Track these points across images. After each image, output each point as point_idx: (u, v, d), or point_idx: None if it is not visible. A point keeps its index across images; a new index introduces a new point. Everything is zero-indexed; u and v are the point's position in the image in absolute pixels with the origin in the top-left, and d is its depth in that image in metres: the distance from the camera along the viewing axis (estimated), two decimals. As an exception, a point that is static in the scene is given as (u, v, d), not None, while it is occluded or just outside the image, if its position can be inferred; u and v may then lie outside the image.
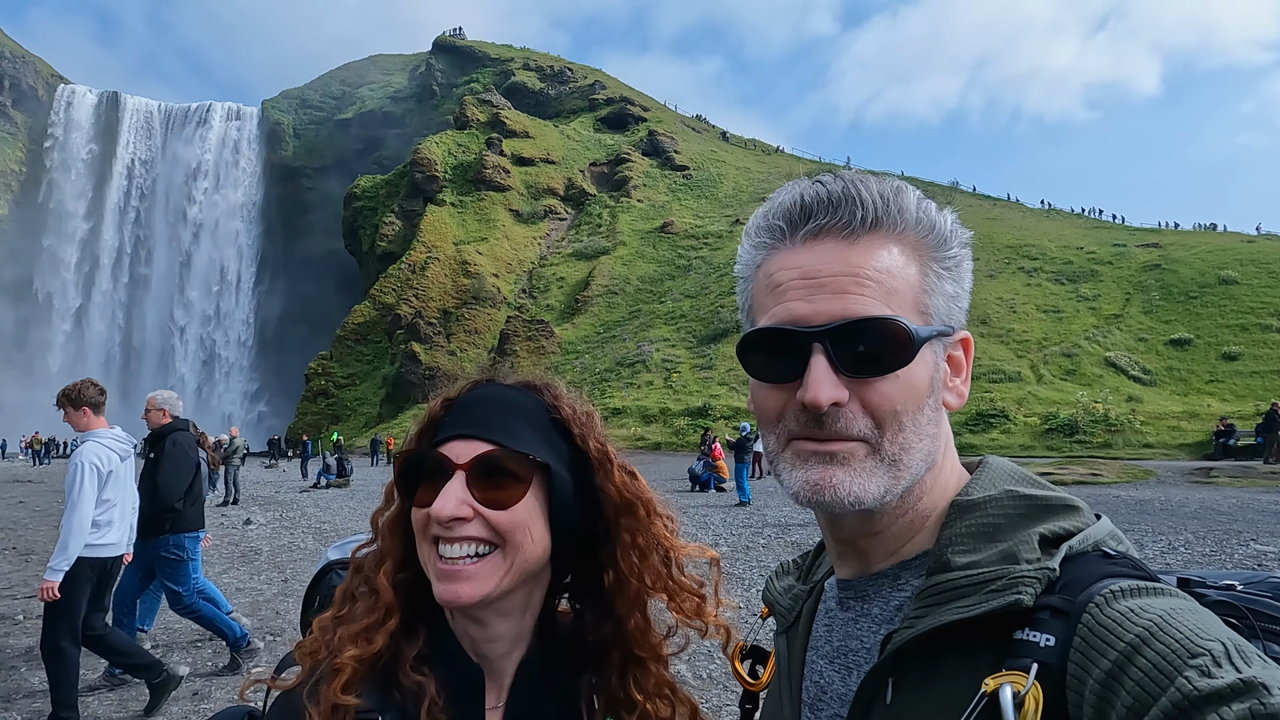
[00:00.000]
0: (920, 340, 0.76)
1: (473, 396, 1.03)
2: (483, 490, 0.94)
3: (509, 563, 0.96)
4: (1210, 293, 51.20)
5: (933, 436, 0.79)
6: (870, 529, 0.81)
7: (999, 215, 79.64)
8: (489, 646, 1.01)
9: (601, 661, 1.07)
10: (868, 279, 0.76)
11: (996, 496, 0.78)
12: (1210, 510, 15.24)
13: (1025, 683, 0.63)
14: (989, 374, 44.93)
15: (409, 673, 0.95)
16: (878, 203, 0.78)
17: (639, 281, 73.00)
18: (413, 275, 78.14)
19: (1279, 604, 0.74)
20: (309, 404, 76.13)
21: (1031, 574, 0.69)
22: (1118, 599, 0.65)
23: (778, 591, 1.00)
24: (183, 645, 7.04)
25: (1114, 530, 0.77)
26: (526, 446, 0.98)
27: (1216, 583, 0.79)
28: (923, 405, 0.77)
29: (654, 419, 46.50)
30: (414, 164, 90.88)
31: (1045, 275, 60.49)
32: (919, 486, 0.80)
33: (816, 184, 0.80)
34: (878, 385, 0.75)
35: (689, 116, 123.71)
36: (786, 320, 0.77)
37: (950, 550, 0.75)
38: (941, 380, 0.81)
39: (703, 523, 14.72)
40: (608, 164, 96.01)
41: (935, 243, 0.80)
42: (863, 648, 0.81)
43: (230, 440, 21.78)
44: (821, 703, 0.84)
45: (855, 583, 0.85)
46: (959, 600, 0.71)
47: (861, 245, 0.77)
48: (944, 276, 0.81)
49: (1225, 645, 0.58)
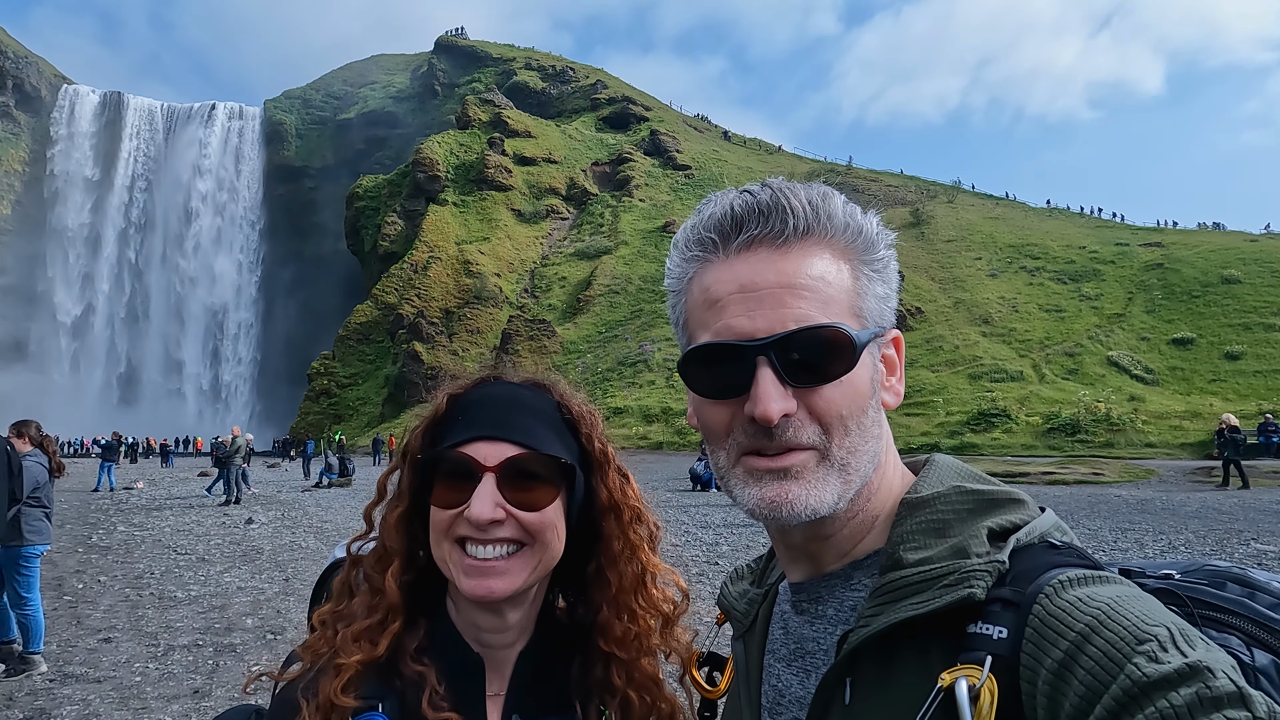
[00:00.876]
0: (861, 344, 0.77)
1: (486, 395, 1.03)
2: (513, 492, 0.96)
3: (537, 559, 0.99)
4: (1213, 292, 51.12)
5: (876, 437, 0.80)
6: (822, 533, 0.81)
7: (1001, 214, 79.52)
8: (498, 636, 1.03)
9: (587, 650, 1.10)
10: (803, 288, 0.76)
11: (945, 493, 0.79)
12: (1211, 510, 15.23)
13: (980, 675, 0.64)
14: (991, 373, 44.88)
15: (409, 663, 0.97)
16: (806, 210, 0.78)
17: (641, 281, 72.94)
18: (415, 275, 78.17)
19: (1215, 591, 0.75)
20: (311, 403, 76.18)
21: (982, 567, 0.70)
22: (1066, 589, 0.66)
23: (733, 596, 1.00)
24: (183, 645, 7.07)
25: (1058, 522, 0.79)
26: (552, 449, 1.00)
27: (1155, 572, 0.80)
28: (866, 408, 0.78)
29: (656, 418, 46.51)
30: (416, 164, 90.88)
31: (1047, 274, 60.40)
32: (867, 488, 0.80)
33: (744, 194, 0.80)
34: (823, 392, 0.76)
35: (691, 116, 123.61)
36: (728, 335, 0.77)
37: (902, 547, 0.76)
38: (879, 381, 0.82)
39: (703, 522, 14.73)
40: (609, 164, 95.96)
41: (864, 246, 0.80)
42: (819, 649, 0.82)
43: (233, 440, 21.78)
44: (780, 706, 0.84)
45: (807, 585, 0.85)
46: (912, 597, 0.71)
47: (794, 254, 0.77)
48: (874, 279, 0.81)
49: (1170, 630, 0.60)
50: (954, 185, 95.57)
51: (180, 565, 11.09)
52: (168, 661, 6.58)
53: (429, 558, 1.02)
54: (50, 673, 6.27)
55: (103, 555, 12.04)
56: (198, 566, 10.99)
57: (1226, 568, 0.81)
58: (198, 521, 16.46)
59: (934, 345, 49.80)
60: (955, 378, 45.01)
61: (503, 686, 1.04)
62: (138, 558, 11.77)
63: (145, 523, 16.21)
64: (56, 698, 5.69)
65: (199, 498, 22.24)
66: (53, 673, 6.27)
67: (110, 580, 10.06)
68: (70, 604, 8.71)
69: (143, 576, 10.29)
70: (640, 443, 42.37)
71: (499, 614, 1.01)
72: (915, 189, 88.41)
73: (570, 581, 1.13)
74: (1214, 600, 0.74)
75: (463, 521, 0.95)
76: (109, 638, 7.33)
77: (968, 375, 45.29)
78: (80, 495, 23.25)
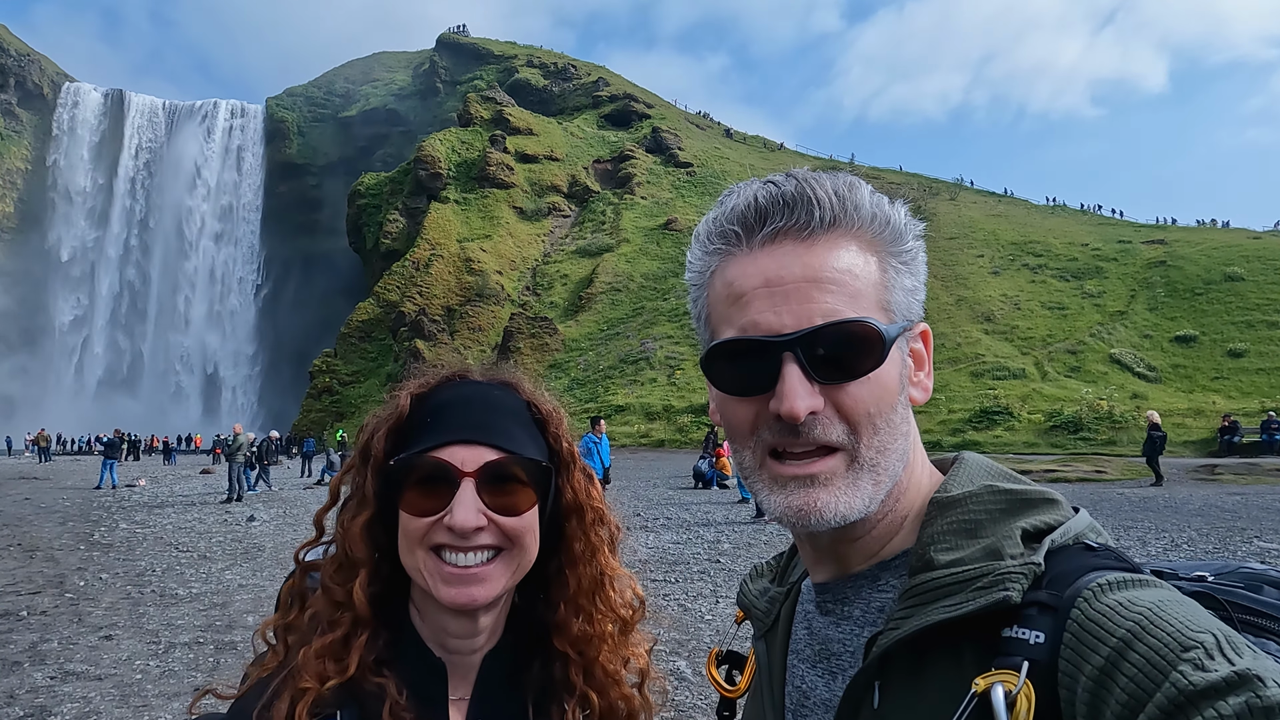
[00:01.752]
0: (891, 339, 0.75)
1: (456, 395, 1.00)
2: (492, 497, 0.93)
3: (515, 564, 0.96)
4: (1216, 289, 51.07)
5: (905, 435, 0.78)
6: (851, 535, 0.79)
7: (1004, 212, 79.45)
8: (467, 642, 1.00)
9: (546, 649, 1.08)
10: (830, 282, 0.74)
11: (976, 493, 0.77)
12: (1214, 507, 15.19)
13: (1017, 682, 0.62)
14: (993, 371, 44.86)
15: (368, 677, 0.93)
16: (833, 201, 0.76)
17: (642, 279, 72.98)
18: (417, 272, 78.26)
19: (1252, 595, 0.73)
20: (313, 401, 76.29)
21: (1017, 570, 0.68)
22: (1106, 592, 0.64)
23: (753, 595, 0.98)
24: (184, 643, 7.07)
25: (1093, 523, 0.77)
26: (529, 451, 0.97)
27: (1188, 574, 0.78)
28: (895, 404, 0.76)
29: (657, 416, 46.53)
30: (418, 161, 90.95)
31: (1050, 272, 60.37)
32: (896, 487, 0.78)
33: (769, 184, 0.78)
34: (850, 389, 0.73)
35: (692, 113, 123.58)
36: (753, 331, 0.75)
37: (933, 548, 0.74)
38: (907, 376, 0.79)
39: (705, 519, 14.71)
40: (611, 161, 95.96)
41: (892, 237, 0.78)
42: (845, 651, 0.79)
43: (234, 437, 21.81)
44: (805, 708, 0.82)
45: (833, 585, 0.82)
46: (945, 599, 0.69)
47: (820, 246, 0.75)
48: (902, 271, 0.79)
49: (1216, 637, 0.58)
50: (956, 183, 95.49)
51: (182, 563, 11.09)
52: (169, 659, 6.57)
53: (391, 567, 0.98)
54: (51, 670, 6.26)
55: (104, 553, 12.04)
56: (199, 564, 10.99)
57: (1263, 571, 0.79)
58: (199, 519, 16.47)
59: (936, 343, 47.91)
60: (957, 375, 45.00)
61: (467, 690, 1.01)
62: (139, 555, 11.77)
63: (147, 520, 16.21)
64: (57, 695, 5.68)
65: (201, 495, 22.27)
66: (54, 670, 6.26)
67: (112, 578, 10.06)
68: (71, 601, 8.70)
69: (144, 574, 10.29)
70: (641, 440, 42.37)
71: (473, 619, 0.98)
72: (917, 186, 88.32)
73: (530, 580, 1.10)
74: (1251, 604, 0.71)
75: (440, 529, 0.91)
76: (110, 635, 7.32)
77: (970, 373, 45.28)
78: (83, 493, 23.28)
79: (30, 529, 14.84)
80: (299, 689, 0.88)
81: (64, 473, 34.47)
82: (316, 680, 0.89)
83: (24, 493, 23.37)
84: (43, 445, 47.27)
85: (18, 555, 11.78)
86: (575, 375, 59.19)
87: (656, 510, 16.32)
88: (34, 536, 13.80)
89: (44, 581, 9.81)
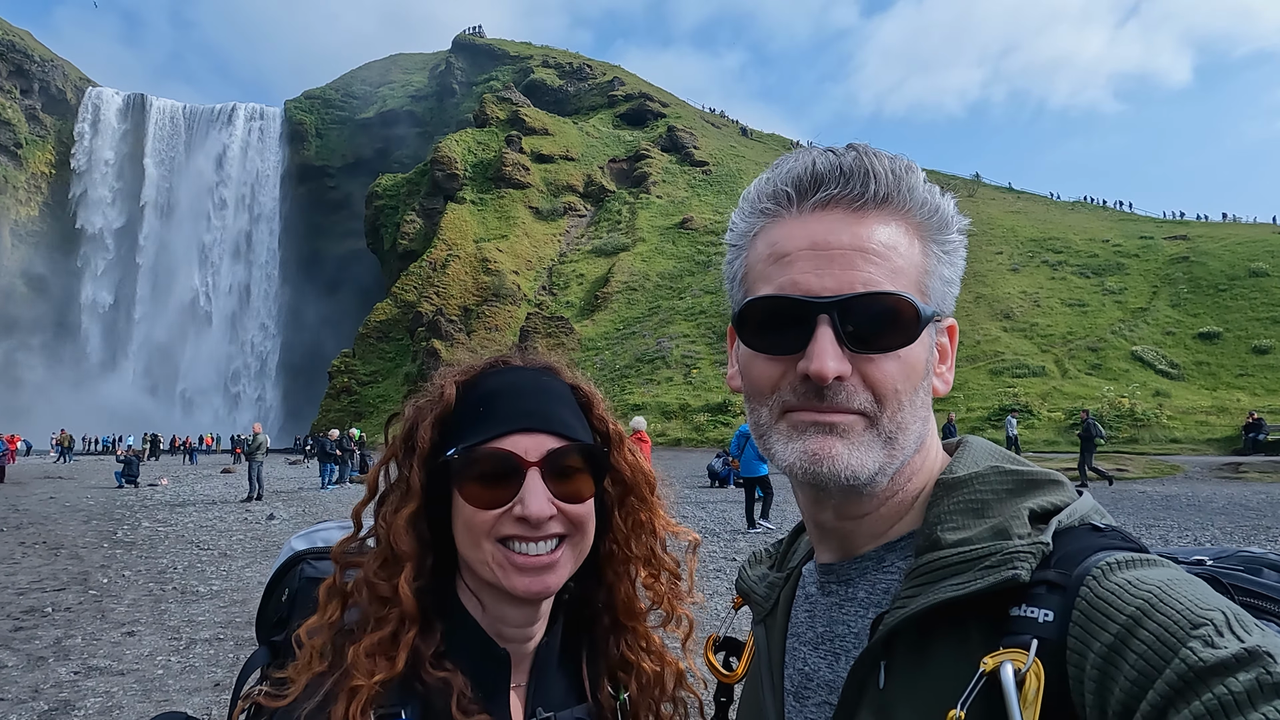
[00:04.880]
0: (926, 318, 0.75)
1: (506, 383, 0.99)
2: (556, 485, 0.93)
3: (578, 549, 0.97)
4: (1240, 285, 50.30)
5: (924, 419, 0.78)
6: (858, 510, 0.80)
7: (1023, 208, 78.72)
8: (525, 630, 1.00)
9: (595, 627, 1.09)
10: (876, 254, 0.75)
11: (983, 473, 0.77)
12: (1239, 505, 14.99)
13: (1026, 660, 0.62)
14: (1013, 368, 44.46)
15: (430, 670, 0.91)
16: (889, 178, 0.76)
17: (658, 278, 72.94)
18: (434, 273, 78.64)
19: (1252, 577, 0.74)
20: (332, 401, 76.86)
21: (1025, 549, 0.68)
22: (1114, 571, 0.64)
23: (752, 580, 0.98)
24: (205, 639, 7.15)
25: (1097, 505, 0.77)
26: (584, 436, 0.98)
27: (1188, 558, 0.78)
28: (919, 386, 0.77)
29: (674, 415, 46.50)
30: (434, 162, 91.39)
31: (1070, 269, 59.72)
32: (908, 468, 0.78)
33: (829, 153, 0.78)
34: (880, 362, 0.74)
35: (708, 112, 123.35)
36: (792, 290, 0.75)
37: (940, 528, 0.74)
38: (933, 364, 0.80)
39: (721, 518, 14.69)
40: (627, 160, 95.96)
41: (938, 225, 0.79)
42: (849, 632, 0.80)
43: (254, 437, 22.03)
44: (808, 690, 0.82)
45: (837, 566, 0.83)
46: (952, 578, 0.69)
47: (870, 219, 0.76)
48: (943, 260, 0.80)
49: (1226, 615, 0.58)
50: (974, 179, 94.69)
51: (202, 560, 11.21)
52: (189, 655, 6.65)
53: (436, 559, 0.97)
54: (75, 665, 6.35)
55: (127, 551, 12.20)
56: (220, 561, 11.11)
57: (1261, 554, 0.79)
58: (220, 517, 16.65)
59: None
60: (976, 373, 44.64)
61: (523, 677, 1.01)
62: (161, 553, 11.91)
63: (169, 519, 16.41)
64: (80, 690, 5.77)
65: (222, 494, 22.51)
66: (78, 665, 6.35)
67: (134, 575, 10.19)
68: (95, 598, 8.82)
69: (166, 571, 10.41)
70: (658, 439, 42.35)
71: (535, 607, 0.98)
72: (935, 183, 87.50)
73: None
74: (1251, 586, 0.72)
75: (509, 520, 0.91)
76: (132, 631, 7.42)
77: (989, 370, 44.91)
78: (106, 492, 23.61)
79: (55, 527, 15.06)
80: (352, 687, 0.86)
81: (88, 472, 34.94)
82: (367, 677, 0.87)
83: (49, 491, 23.72)
84: (66, 445, 47.89)
85: (43, 553, 11.95)
86: (591, 375, 58.27)
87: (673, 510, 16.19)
88: (59, 535, 14.01)
89: (68, 579, 9.95)
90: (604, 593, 1.08)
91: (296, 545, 1.21)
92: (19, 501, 20.20)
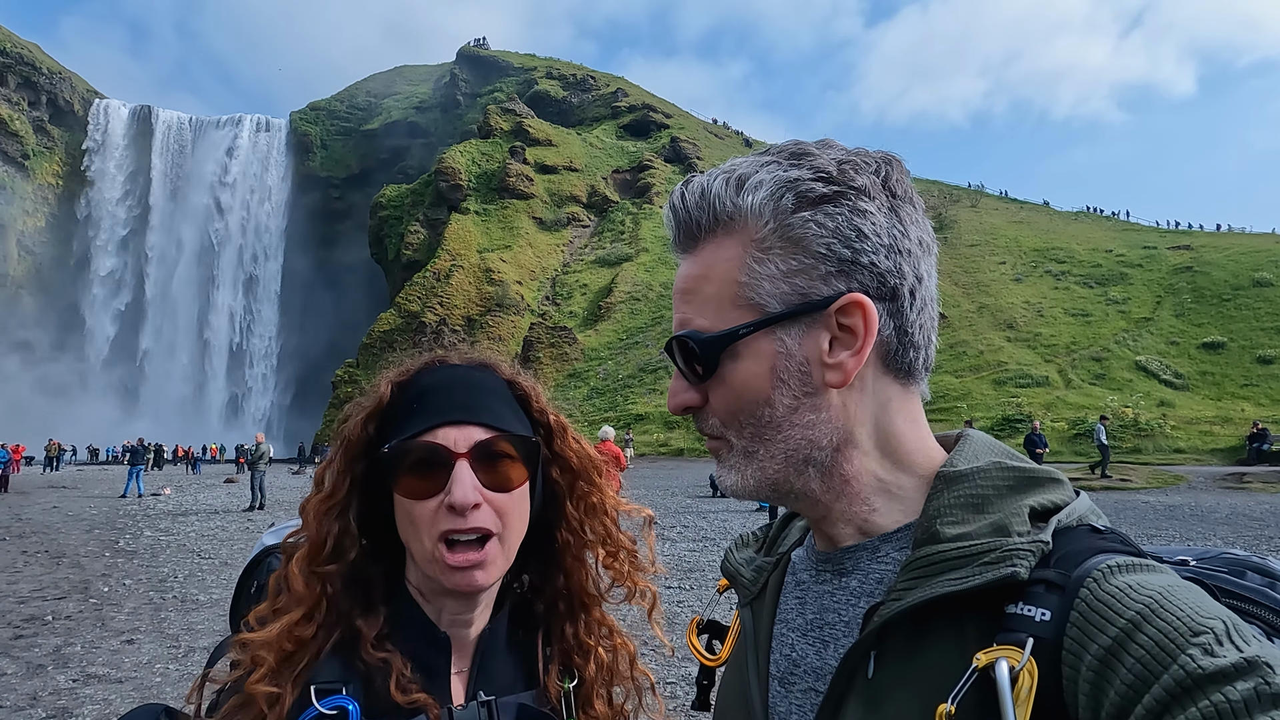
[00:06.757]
0: (715, 344, 0.75)
1: (439, 379, 1.02)
2: (485, 474, 0.95)
3: (509, 544, 0.99)
4: (1244, 295, 50.20)
5: (808, 424, 0.75)
6: (812, 514, 0.82)
7: (1025, 218, 78.70)
8: (467, 617, 1.02)
9: (550, 615, 1.13)
10: (687, 292, 0.78)
11: (984, 468, 0.76)
12: (1242, 516, 14.94)
13: (1020, 658, 0.62)
14: (1016, 378, 44.36)
15: (371, 651, 0.96)
16: (695, 207, 0.78)
17: (662, 288, 72.97)
18: (438, 283, 78.82)
19: (1234, 579, 0.74)
20: (336, 411, 76.70)
21: (1025, 546, 0.68)
22: (1115, 574, 0.64)
23: (738, 563, 0.97)
24: (204, 647, 7.16)
25: (1094, 505, 0.77)
26: (517, 428, 1.01)
27: (1171, 558, 0.78)
28: (768, 398, 0.75)
29: (677, 425, 46.33)
30: (438, 173, 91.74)
31: (1073, 278, 59.66)
32: (837, 470, 0.77)
33: (670, 201, 0.81)
34: (714, 390, 0.77)
35: (711, 123, 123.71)
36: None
37: (939, 521, 0.73)
38: (810, 360, 0.75)
39: (723, 528, 14.68)
40: (630, 171, 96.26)
41: (772, 222, 0.75)
42: (840, 621, 0.79)
43: (256, 446, 22.06)
44: (794, 676, 0.81)
45: (832, 555, 0.82)
46: (950, 573, 0.69)
47: (696, 256, 0.79)
48: (774, 254, 0.74)
49: (1226, 624, 0.58)
50: (976, 189, 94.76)
51: (203, 569, 11.23)
52: (188, 663, 6.67)
53: (377, 550, 1.02)
54: (74, 673, 6.37)
55: (129, 559, 12.22)
56: (220, 570, 11.13)
57: (1245, 556, 0.78)
58: (222, 527, 16.67)
59: (958, 350, 49.34)
60: (979, 383, 44.56)
61: (466, 663, 1.03)
62: (162, 562, 11.94)
63: (171, 528, 16.44)
64: (79, 697, 5.78)
65: (224, 504, 22.52)
66: (76, 673, 6.37)
67: (135, 584, 10.21)
68: (96, 606, 8.85)
69: (166, 580, 10.43)
70: (661, 449, 42.33)
71: (474, 599, 1.01)
72: (937, 193, 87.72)
73: (529, 554, 1.13)
74: (1234, 589, 0.72)
75: (444, 514, 0.94)
76: (132, 639, 7.44)
77: (992, 380, 44.81)
78: (109, 501, 23.64)
79: (57, 536, 15.09)
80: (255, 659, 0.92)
81: (92, 481, 35.00)
82: (274, 656, 0.92)
83: (53, 501, 23.77)
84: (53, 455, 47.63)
85: (45, 561, 11.98)
86: (595, 384, 59.30)
87: (674, 519, 16.30)
88: (61, 543, 14.04)
89: (69, 587, 9.98)
90: (562, 579, 1.12)
91: (267, 541, 1.27)
92: (22, 511, 20.25)
